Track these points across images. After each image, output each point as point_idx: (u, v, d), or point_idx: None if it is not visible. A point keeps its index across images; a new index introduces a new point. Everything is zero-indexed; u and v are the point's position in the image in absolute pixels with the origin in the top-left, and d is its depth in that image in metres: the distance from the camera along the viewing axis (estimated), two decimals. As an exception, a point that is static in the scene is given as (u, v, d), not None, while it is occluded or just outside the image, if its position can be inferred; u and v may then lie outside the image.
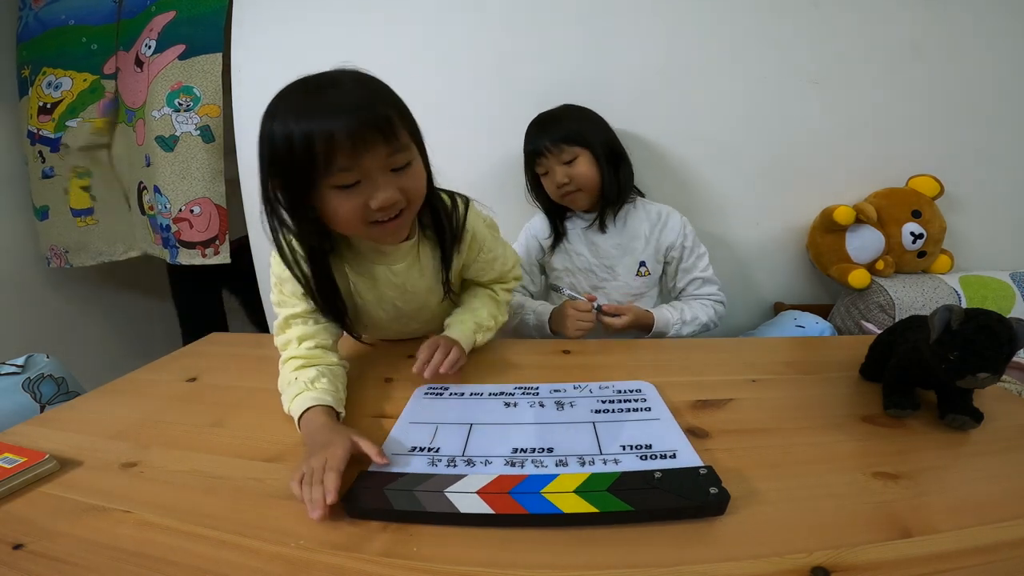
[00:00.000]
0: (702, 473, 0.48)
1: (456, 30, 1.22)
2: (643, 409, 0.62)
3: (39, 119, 1.53)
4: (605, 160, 1.01)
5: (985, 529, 0.41)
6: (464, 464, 0.52)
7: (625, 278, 1.06)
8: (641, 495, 0.45)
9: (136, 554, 0.42)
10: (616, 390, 0.67)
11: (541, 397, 0.67)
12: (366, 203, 0.58)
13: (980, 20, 1.16)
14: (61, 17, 1.51)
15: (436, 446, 0.56)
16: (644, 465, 0.51)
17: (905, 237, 1.18)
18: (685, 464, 0.51)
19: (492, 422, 0.61)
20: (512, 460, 0.53)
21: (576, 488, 0.47)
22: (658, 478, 0.47)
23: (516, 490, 0.47)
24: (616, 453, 0.53)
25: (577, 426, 0.59)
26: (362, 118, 0.55)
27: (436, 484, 0.48)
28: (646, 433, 0.57)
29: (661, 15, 1.17)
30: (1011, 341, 0.50)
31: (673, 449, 0.53)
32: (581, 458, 0.52)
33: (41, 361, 0.98)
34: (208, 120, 1.32)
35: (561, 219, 1.10)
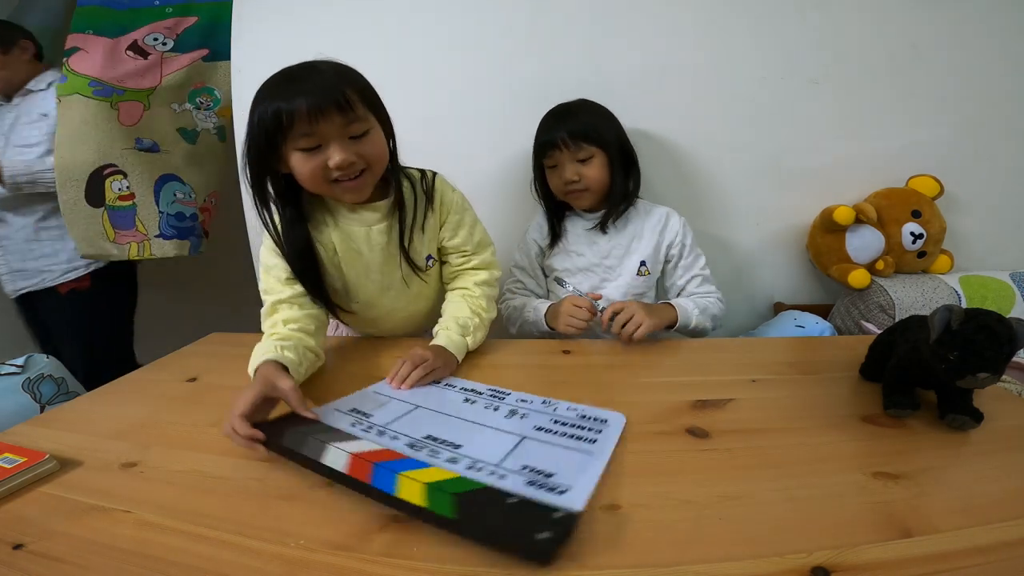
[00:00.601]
0: (555, 517, 0.42)
1: (457, 30, 1.22)
2: (587, 440, 0.56)
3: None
4: (619, 164, 1.00)
5: (985, 529, 0.41)
6: (376, 433, 0.55)
7: (625, 277, 1.05)
8: (477, 511, 0.43)
9: (136, 554, 0.42)
10: (580, 415, 0.61)
11: (502, 402, 0.65)
12: (325, 164, 0.69)
13: (980, 20, 1.16)
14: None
15: (371, 413, 0.60)
16: (525, 489, 0.46)
17: (905, 237, 1.18)
18: (560, 503, 0.44)
19: (436, 410, 0.63)
20: (414, 443, 0.54)
21: (431, 482, 0.47)
22: (509, 504, 0.44)
23: (382, 464, 0.48)
24: (512, 470, 0.49)
25: (505, 435, 0.57)
26: (320, 93, 0.66)
27: (333, 438, 0.52)
28: (562, 463, 0.51)
29: (661, 15, 1.17)
30: (1011, 341, 0.50)
31: (570, 485, 0.47)
32: (474, 462, 0.51)
33: (41, 361, 0.98)
34: (223, 121, 1.45)
35: (560, 218, 1.09)
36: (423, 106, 1.22)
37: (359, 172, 0.72)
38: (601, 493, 0.48)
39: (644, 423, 0.61)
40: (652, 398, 0.68)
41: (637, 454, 0.55)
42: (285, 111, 0.65)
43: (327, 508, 0.47)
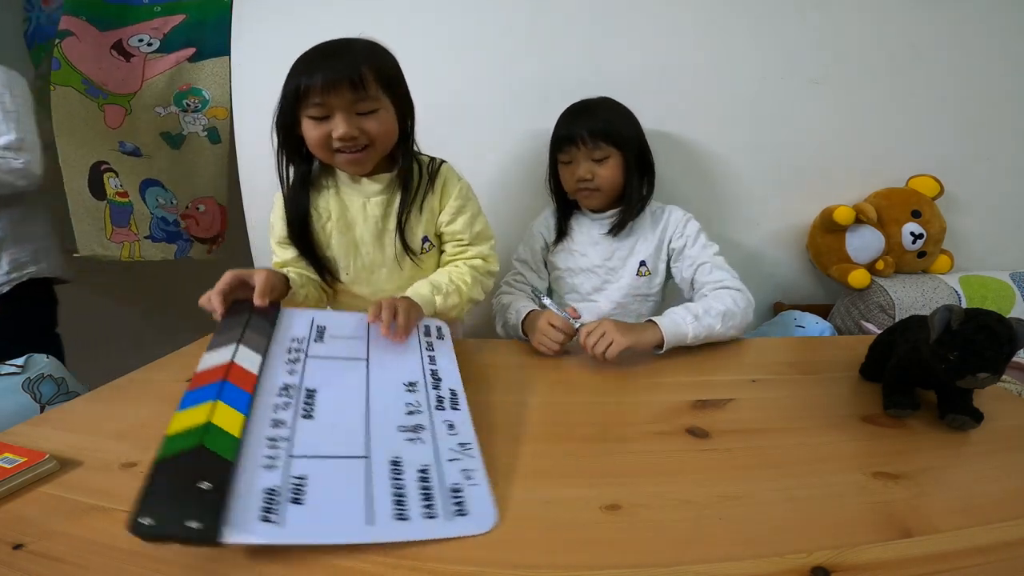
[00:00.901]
0: (201, 490, 0.41)
1: (457, 30, 1.21)
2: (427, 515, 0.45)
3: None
4: (635, 167, 0.98)
5: (985, 529, 0.41)
6: (285, 360, 0.60)
7: (626, 279, 1.03)
8: (192, 470, 0.43)
9: (136, 554, 0.42)
10: (453, 485, 0.48)
11: (420, 414, 0.58)
12: (330, 133, 0.75)
13: (980, 20, 1.16)
14: None
15: (305, 346, 0.64)
16: (263, 481, 0.44)
17: (905, 237, 1.18)
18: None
19: (354, 390, 0.59)
20: (288, 388, 0.56)
21: (212, 423, 0.49)
22: (212, 480, 0.42)
23: (227, 384, 0.53)
24: (293, 476, 0.46)
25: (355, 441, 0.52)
26: (336, 70, 0.72)
27: (248, 340, 0.60)
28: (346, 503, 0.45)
29: (661, 15, 1.17)
30: (1011, 341, 0.50)
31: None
32: (286, 444, 0.49)
33: (41, 361, 0.98)
34: (216, 122, 1.37)
35: (568, 216, 1.06)
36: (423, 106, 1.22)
37: (362, 147, 0.77)
38: (601, 493, 0.48)
39: (644, 423, 0.61)
40: (652, 398, 0.68)
41: (637, 454, 0.55)
42: (304, 82, 0.73)
43: (327, 508, 0.47)
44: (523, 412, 0.66)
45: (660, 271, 1.03)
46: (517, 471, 0.53)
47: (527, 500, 0.48)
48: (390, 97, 0.78)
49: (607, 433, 0.60)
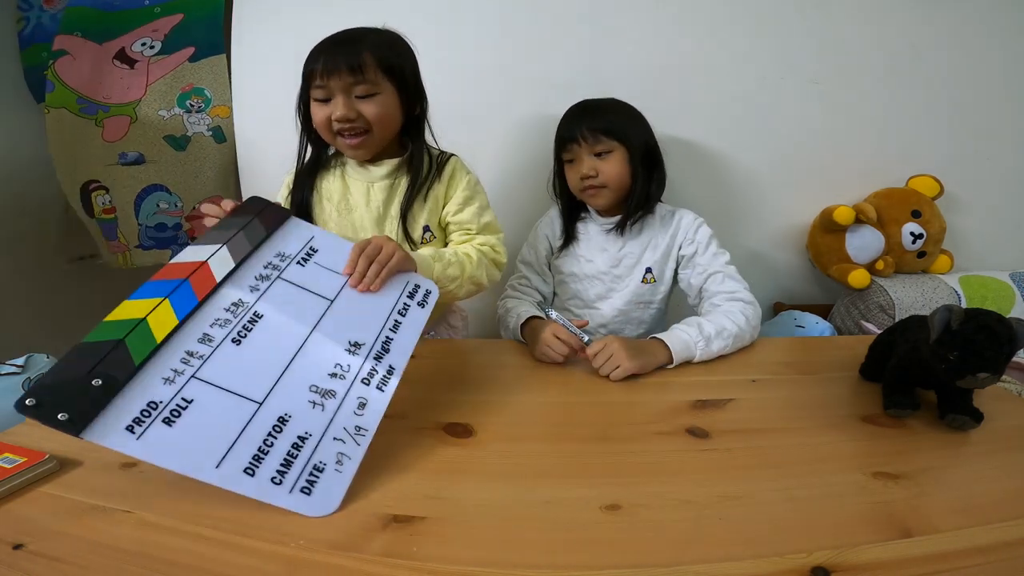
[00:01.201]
0: (92, 386, 0.44)
1: (457, 31, 1.21)
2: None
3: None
4: (640, 163, 0.94)
5: (985, 529, 0.42)
6: (254, 275, 0.60)
7: (631, 287, 0.99)
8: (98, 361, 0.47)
9: (136, 554, 0.42)
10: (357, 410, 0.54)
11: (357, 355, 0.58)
12: (331, 115, 0.78)
13: (980, 21, 1.16)
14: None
15: (285, 264, 0.63)
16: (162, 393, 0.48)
17: (905, 237, 1.18)
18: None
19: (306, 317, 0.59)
20: (239, 305, 0.56)
21: (148, 318, 0.51)
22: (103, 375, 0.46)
23: (188, 287, 0.55)
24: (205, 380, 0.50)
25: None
26: (338, 55, 0.76)
27: (235, 245, 0.61)
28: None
29: (660, 15, 1.17)
30: (1011, 341, 0.50)
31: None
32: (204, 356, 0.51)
33: (41, 361, 0.98)
34: (219, 121, 1.36)
35: (574, 219, 1.03)
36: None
37: (361, 131, 0.80)
38: (601, 493, 0.48)
39: (644, 423, 0.61)
40: (652, 398, 0.68)
41: (637, 454, 0.55)
42: (311, 58, 0.78)
43: (327, 508, 0.47)
44: (523, 412, 0.66)
45: (666, 279, 1.00)
46: (517, 471, 0.53)
47: (527, 500, 0.48)
48: (393, 83, 0.80)
49: (607, 433, 0.59)
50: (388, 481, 0.51)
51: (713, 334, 0.79)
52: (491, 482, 0.51)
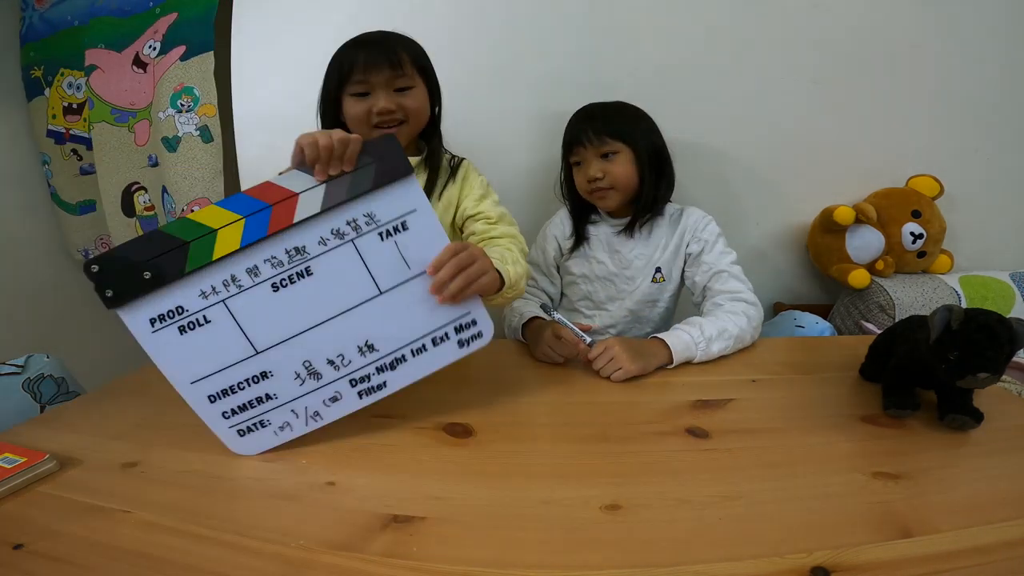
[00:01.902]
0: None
1: (457, 31, 1.21)
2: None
3: (67, 119, 1.53)
4: (648, 164, 0.94)
5: (985, 529, 0.41)
6: (344, 213, 0.56)
7: (642, 288, 0.99)
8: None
9: (136, 554, 0.42)
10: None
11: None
12: (370, 108, 0.80)
13: (980, 20, 1.16)
14: (67, 18, 1.51)
15: (395, 206, 0.58)
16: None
17: (905, 237, 1.18)
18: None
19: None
20: (299, 250, 0.55)
21: (219, 231, 0.53)
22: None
23: (266, 214, 0.54)
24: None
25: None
26: (376, 51, 0.80)
27: (336, 181, 0.55)
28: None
29: (660, 15, 1.17)
30: (1011, 341, 0.50)
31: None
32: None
33: (41, 361, 0.97)
34: (206, 120, 1.33)
35: (584, 221, 1.03)
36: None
37: (398, 122, 0.82)
38: (601, 493, 0.48)
39: (644, 423, 0.61)
40: (652, 398, 0.68)
41: (637, 454, 0.55)
42: (346, 62, 0.80)
43: (327, 508, 0.48)
44: (523, 412, 0.66)
45: (675, 278, 0.99)
46: (517, 471, 0.53)
47: (527, 500, 0.48)
48: (424, 80, 0.85)
49: (607, 433, 0.59)
50: (388, 481, 0.51)
51: (714, 334, 0.78)
52: (491, 482, 0.51)
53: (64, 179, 1.61)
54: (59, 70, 1.53)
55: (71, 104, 1.53)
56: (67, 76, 1.52)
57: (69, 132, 1.54)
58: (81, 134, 1.53)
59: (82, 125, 1.52)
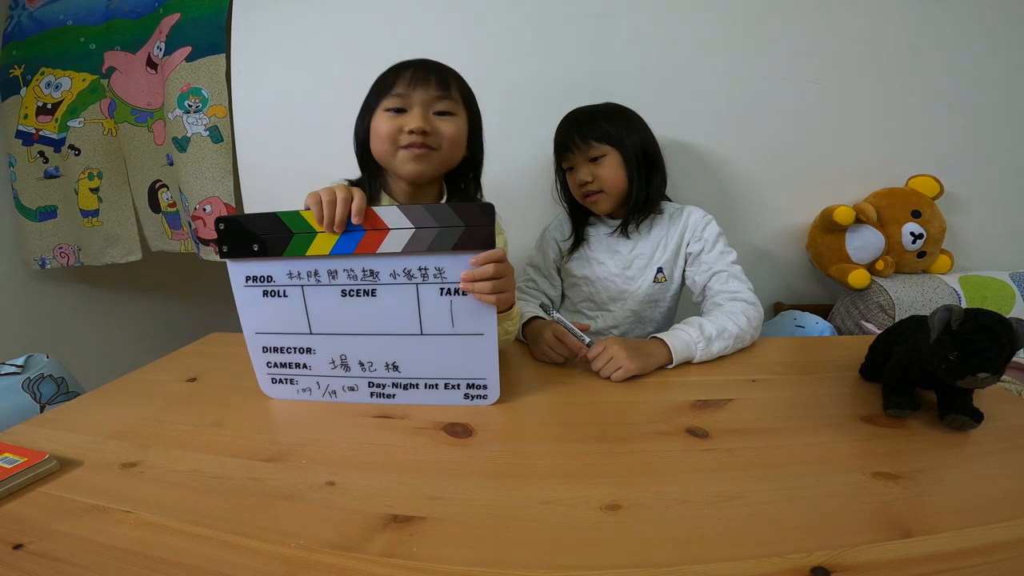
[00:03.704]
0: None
1: (456, 31, 1.22)
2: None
3: (38, 119, 1.53)
4: (636, 165, 0.93)
5: (985, 529, 0.41)
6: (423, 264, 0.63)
7: (644, 288, 0.99)
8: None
9: (136, 554, 0.42)
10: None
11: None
12: (402, 126, 0.75)
13: (980, 20, 1.16)
14: (59, 17, 1.51)
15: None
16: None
17: (905, 237, 1.18)
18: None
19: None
20: (372, 273, 0.63)
21: (318, 232, 0.62)
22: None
23: (359, 235, 0.62)
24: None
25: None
26: (426, 67, 0.77)
27: (420, 233, 0.62)
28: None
29: (659, 15, 1.17)
30: (1011, 341, 0.50)
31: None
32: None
33: (41, 361, 0.98)
34: (216, 120, 1.35)
35: (583, 223, 1.03)
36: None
37: (428, 148, 0.77)
38: (601, 493, 0.48)
39: (644, 423, 0.61)
40: (652, 398, 0.68)
41: (637, 454, 0.55)
42: (392, 72, 0.78)
43: (327, 508, 0.47)
44: (523, 412, 0.66)
45: (676, 278, 0.99)
46: (517, 471, 0.53)
47: (527, 500, 0.48)
48: (466, 112, 0.80)
49: (607, 433, 0.59)
50: (388, 481, 0.51)
51: (714, 334, 0.78)
52: (491, 482, 0.51)
53: (26, 183, 1.60)
54: (40, 69, 1.53)
55: (46, 104, 1.52)
56: (47, 75, 1.52)
57: (39, 133, 1.54)
58: (51, 135, 1.53)
59: (52, 126, 1.52)
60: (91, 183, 1.55)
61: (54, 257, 1.65)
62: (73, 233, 1.61)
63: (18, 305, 1.67)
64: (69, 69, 1.51)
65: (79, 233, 1.60)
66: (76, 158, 1.53)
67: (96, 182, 1.55)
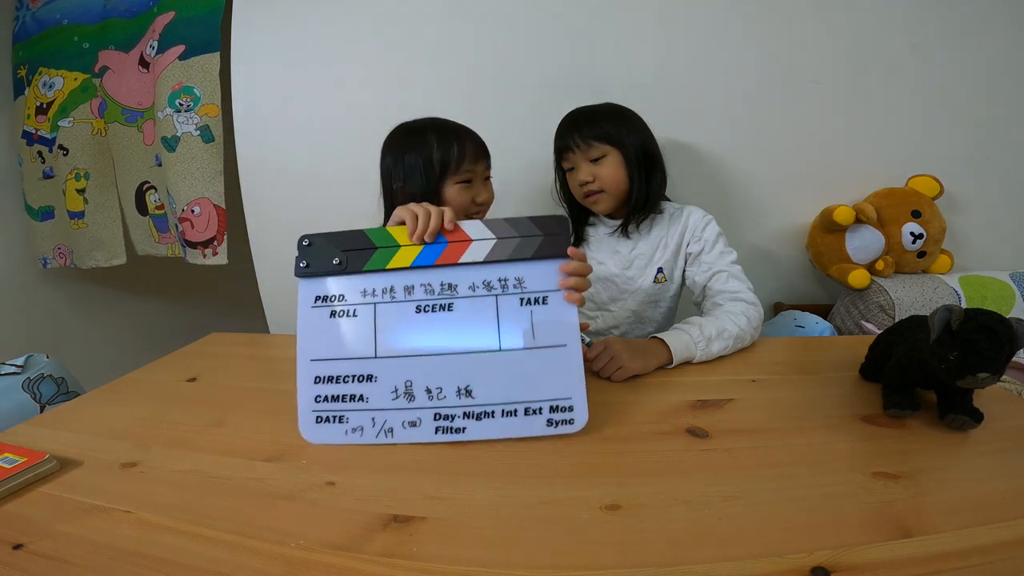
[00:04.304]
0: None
1: (455, 31, 1.21)
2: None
3: (37, 119, 1.53)
4: (637, 165, 0.93)
5: (985, 529, 0.41)
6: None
7: (644, 288, 0.99)
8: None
9: (136, 554, 0.42)
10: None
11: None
12: (473, 198, 0.84)
13: (979, 20, 1.16)
14: (56, 17, 1.51)
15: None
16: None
17: (905, 237, 1.18)
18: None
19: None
20: (450, 286, 0.61)
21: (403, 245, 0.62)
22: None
23: (440, 246, 0.62)
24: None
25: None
26: (474, 142, 0.86)
27: (508, 242, 0.62)
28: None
29: (660, 15, 1.17)
30: (1011, 341, 0.50)
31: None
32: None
33: (41, 361, 0.98)
34: (208, 120, 1.32)
35: (583, 223, 1.03)
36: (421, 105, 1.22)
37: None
38: (601, 493, 0.48)
39: (644, 423, 0.61)
40: (652, 398, 0.68)
41: (637, 454, 0.55)
42: (450, 150, 0.82)
43: (327, 508, 0.48)
44: (523, 412, 0.66)
45: (676, 278, 0.99)
46: (517, 471, 0.53)
47: (527, 500, 0.48)
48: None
49: (607, 433, 0.60)
50: (388, 481, 0.51)
51: (714, 335, 0.78)
52: (491, 482, 0.51)
53: (30, 183, 1.61)
54: (39, 69, 1.53)
55: (42, 104, 1.53)
56: (44, 75, 1.52)
57: (37, 133, 1.55)
58: (45, 135, 1.53)
59: (47, 126, 1.52)
60: (77, 184, 1.53)
61: (54, 257, 1.65)
62: (66, 234, 1.61)
63: (18, 305, 1.67)
64: (62, 68, 1.50)
65: (69, 234, 1.60)
66: (64, 158, 1.52)
67: (83, 183, 1.53)
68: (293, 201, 1.31)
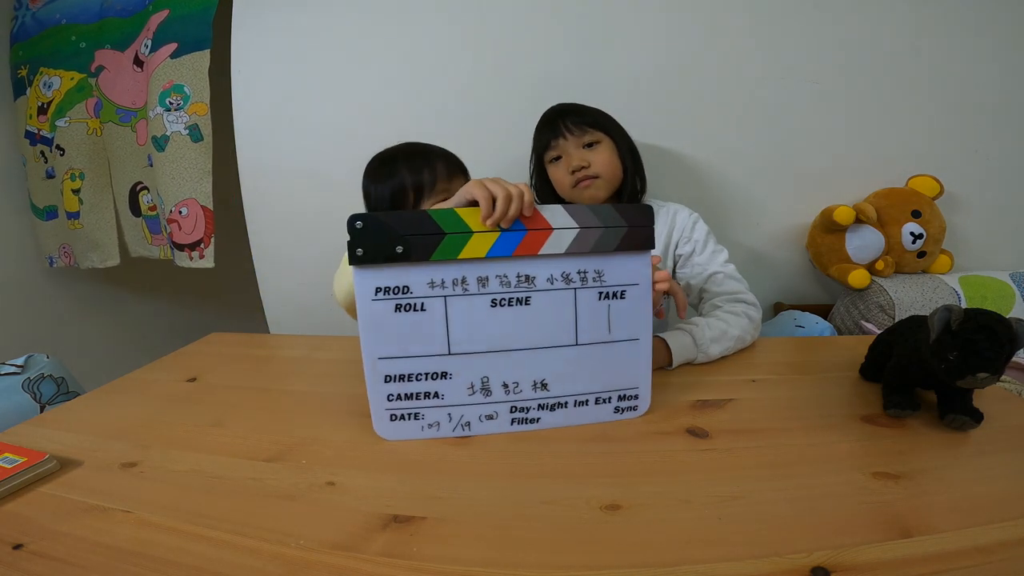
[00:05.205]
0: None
1: (455, 30, 1.21)
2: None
3: (38, 119, 1.53)
4: (629, 156, 0.94)
5: (985, 529, 0.41)
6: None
7: None
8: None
9: (136, 554, 0.42)
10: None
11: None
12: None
13: (979, 20, 1.16)
14: (56, 16, 1.51)
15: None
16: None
17: (905, 237, 1.17)
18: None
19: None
20: (528, 278, 0.58)
21: (475, 231, 0.56)
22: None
23: (519, 233, 0.57)
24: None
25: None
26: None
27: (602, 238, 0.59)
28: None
29: (659, 15, 1.17)
30: (1011, 341, 0.50)
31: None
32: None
33: (41, 361, 0.98)
34: (197, 119, 1.30)
35: None
36: (420, 105, 1.23)
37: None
38: (601, 493, 0.48)
39: (644, 423, 0.61)
40: (652, 398, 0.68)
41: (637, 454, 0.55)
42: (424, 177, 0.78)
43: (327, 508, 0.48)
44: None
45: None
46: (517, 471, 0.53)
47: (527, 500, 0.48)
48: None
49: (607, 433, 0.60)
50: (388, 481, 0.51)
51: (715, 336, 0.78)
52: (491, 482, 0.51)
53: (34, 183, 1.62)
54: (39, 69, 1.53)
55: (42, 104, 1.53)
56: (43, 75, 1.53)
57: (39, 133, 1.55)
58: (45, 135, 1.53)
59: (46, 126, 1.52)
60: (73, 184, 1.53)
61: (60, 256, 1.65)
62: (67, 234, 1.62)
63: (18, 305, 1.67)
64: (60, 68, 1.50)
65: (69, 234, 1.60)
66: (61, 158, 1.52)
67: (78, 183, 1.52)
68: (293, 201, 1.31)
